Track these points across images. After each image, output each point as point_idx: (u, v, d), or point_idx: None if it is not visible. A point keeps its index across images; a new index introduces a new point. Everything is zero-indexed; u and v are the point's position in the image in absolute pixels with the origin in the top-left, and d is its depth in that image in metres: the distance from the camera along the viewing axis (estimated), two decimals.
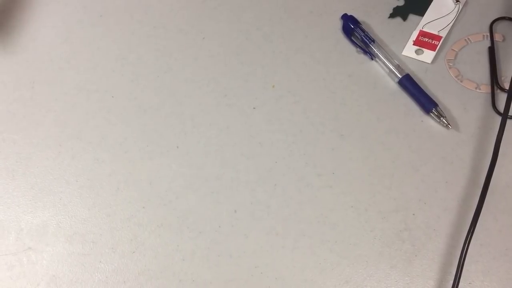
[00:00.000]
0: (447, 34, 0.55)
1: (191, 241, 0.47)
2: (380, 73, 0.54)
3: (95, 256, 0.47)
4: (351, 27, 0.55)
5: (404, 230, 0.46)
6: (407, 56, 0.54)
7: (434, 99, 0.50)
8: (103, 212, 0.49)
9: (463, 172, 0.48)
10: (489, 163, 0.46)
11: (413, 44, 0.54)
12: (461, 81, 0.52)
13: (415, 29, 0.55)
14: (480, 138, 0.49)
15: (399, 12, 0.57)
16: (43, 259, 0.47)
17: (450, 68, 0.53)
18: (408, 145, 0.50)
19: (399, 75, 0.52)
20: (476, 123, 0.50)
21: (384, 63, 0.53)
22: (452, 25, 0.55)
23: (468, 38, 0.54)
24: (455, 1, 0.56)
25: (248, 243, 0.47)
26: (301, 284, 0.45)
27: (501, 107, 0.50)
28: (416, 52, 0.54)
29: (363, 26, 0.55)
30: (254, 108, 0.53)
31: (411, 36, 0.55)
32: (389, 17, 0.57)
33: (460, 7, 0.56)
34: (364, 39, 0.54)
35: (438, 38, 0.54)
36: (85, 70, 0.57)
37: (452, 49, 0.54)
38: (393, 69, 0.52)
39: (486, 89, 0.51)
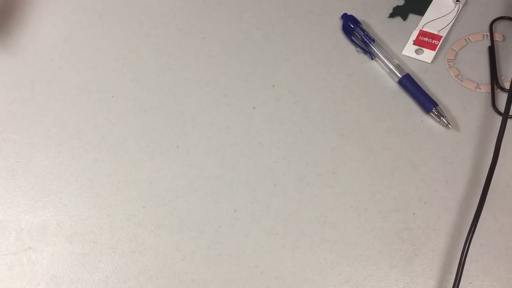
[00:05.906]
0: (447, 33, 0.55)
1: (191, 241, 0.47)
2: (380, 73, 0.54)
3: (95, 256, 0.47)
4: (351, 26, 0.55)
5: (404, 230, 0.46)
6: (407, 56, 0.54)
7: (434, 99, 0.50)
8: (103, 212, 0.49)
9: (463, 171, 0.48)
10: (489, 162, 0.46)
11: (413, 44, 0.54)
12: (461, 81, 0.52)
13: (415, 28, 0.55)
14: (480, 138, 0.49)
15: (399, 12, 0.57)
16: (43, 259, 0.47)
17: (450, 67, 0.53)
18: (408, 144, 0.49)
19: (399, 75, 0.52)
20: (476, 123, 0.50)
21: (384, 62, 0.53)
22: (452, 24, 0.55)
23: (468, 38, 0.54)
24: (455, 0, 0.56)
25: (248, 243, 0.47)
26: (301, 284, 0.45)
27: (501, 106, 0.50)
28: (416, 51, 0.54)
29: (363, 26, 0.55)
30: (254, 108, 0.53)
31: (411, 36, 0.55)
32: (389, 17, 0.57)
33: (460, 7, 0.56)
34: (364, 38, 0.54)
35: (438, 37, 0.54)
36: (85, 70, 0.57)
37: (452, 49, 0.54)
38: (393, 69, 0.52)
39: (486, 88, 0.51)
